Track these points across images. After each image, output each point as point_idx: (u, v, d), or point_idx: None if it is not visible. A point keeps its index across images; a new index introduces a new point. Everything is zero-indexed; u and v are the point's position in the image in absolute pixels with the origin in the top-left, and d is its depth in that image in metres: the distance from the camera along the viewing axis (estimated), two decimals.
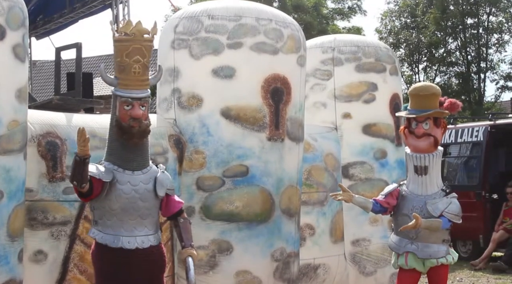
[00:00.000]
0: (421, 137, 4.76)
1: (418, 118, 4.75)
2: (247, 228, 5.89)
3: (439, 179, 4.87)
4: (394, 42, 30.09)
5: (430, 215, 4.73)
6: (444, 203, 4.77)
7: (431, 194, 4.80)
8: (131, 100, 4.14)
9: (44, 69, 32.38)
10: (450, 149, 13.27)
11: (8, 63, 4.75)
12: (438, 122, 4.79)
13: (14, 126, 4.77)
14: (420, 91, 4.79)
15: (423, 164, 4.78)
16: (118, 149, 4.20)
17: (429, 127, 4.75)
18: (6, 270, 4.71)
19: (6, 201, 4.69)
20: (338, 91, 7.83)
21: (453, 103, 4.81)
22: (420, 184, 4.83)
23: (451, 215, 4.75)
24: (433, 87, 4.87)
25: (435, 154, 4.78)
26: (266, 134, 5.99)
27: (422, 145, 4.77)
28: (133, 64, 4.12)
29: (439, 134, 4.81)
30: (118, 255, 4.13)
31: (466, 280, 9.95)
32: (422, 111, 4.74)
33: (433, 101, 4.77)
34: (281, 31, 6.13)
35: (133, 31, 4.15)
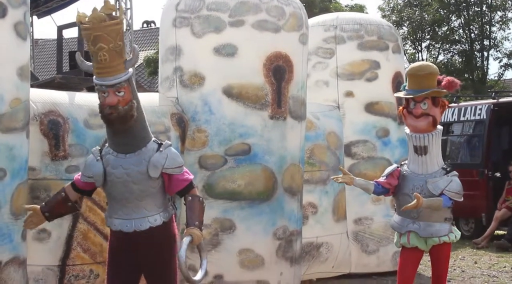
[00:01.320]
0: (420, 117, 4.74)
1: (416, 98, 4.73)
2: (250, 207, 5.90)
3: (439, 158, 4.85)
4: (397, 20, 29.93)
5: (430, 194, 4.73)
6: (444, 181, 4.76)
7: (431, 173, 4.80)
8: (105, 88, 4.09)
9: (46, 48, 32.30)
10: (453, 128, 13.24)
11: (10, 41, 4.73)
12: (436, 101, 4.77)
13: (17, 104, 4.76)
14: (417, 71, 4.76)
15: (422, 144, 4.76)
16: (109, 134, 4.19)
17: (427, 107, 4.73)
18: (10, 248, 4.73)
19: (9, 179, 4.70)
20: (341, 70, 7.81)
21: (451, 82, 4.78)
22: (421, 164, 4.82)
23: (452, 193, 4.74)
24: (430, 66, 4.84)
25: (435, 133, 4.76)
26: (268, 113, 5.98)
27: (421, 125, 4.75)
28: (98, 51, 4.02)
29: (437, 113, 4.79)
30: (120, 238, 4.14)
31: (469, 258, 9.97)
32: (419, 91, 4.72)
33: (431, 80, 4.74)
34: (283, 8, 6.10)
35: (90, 19, 4.07)
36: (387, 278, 7.77)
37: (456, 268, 9.00)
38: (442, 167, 4.83)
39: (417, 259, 4.98)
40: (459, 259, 9.84)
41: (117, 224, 4.13)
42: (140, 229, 4.13)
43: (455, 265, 9.21)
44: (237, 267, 5.88)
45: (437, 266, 4.93)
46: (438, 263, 4.91)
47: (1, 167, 4.64)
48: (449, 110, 13.18)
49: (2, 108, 4.66)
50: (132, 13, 18.51)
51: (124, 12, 18.16)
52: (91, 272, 5.47)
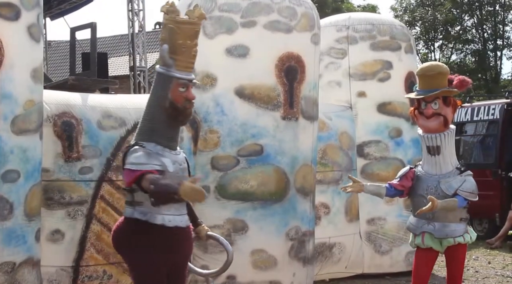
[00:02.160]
0: (431, 117, 4.73)
1: (426, 98, 4.72)
2: (262, 207, 5.90)
3: (453, 158, 4.83)
4: (410, 20, 29.90)
5: (444, 194, 4.71)
6: (458, 181, 4.74)
7: (445, 173, 4.78)
8: (188, 82, 4.20)
9: (59, 50, 32.43)
10: (466, 128, 13.20)
11: (23, 43, 4.76)
12: (447, 101, 4.75)
13: (30, 106, 4.79)
14: (426, 71, 4.75)
15: (435, 144, 4.75)
16: (165, 129, 4.18)
17: (438, 107, 4.71)
18: (24, 250, 4.76)
19: (23, 181, 4.73)
20: (353, 70, 7.81)
21: (462, 80, 4.76)
22: (434, 164, 4.81)
23: (466, 193, 4.72)
24: (440, 66, 4.82)
25: (447, 133, 4.75)
26: (280, 113, 5.98)
27: (432, 125, 4.74)
28: (194, 47, 4.20)
29: (449, 113, 4.77)
30: (168, 235, 4.08)
31: (482, 258, 9.93)
32: (429, 91, 4.70)
33: (441, 80, 4.73)
34: (294, 9, 6.10)
35: (197, 15, 4.22)
36: (400, 279, 7.75)
37: (469, 268, 8.97)
38: (456, 167, 4.81)
39: (432, 259, 4.96)
40: (473, 259, 9.80)
41: (172, 220, 4.09)
42: (188, 224, 4.18)
43: (468, 265, 9.18)
44: (250, 267, 5.88)
45: (452, 267, 4.90)
46: (453, 264, 4.89)
47: (15, 169, 4.67)
48: (462, 110, 13.13)
49: (16, 110, 4.69)
50: (144, 14, 18.55)
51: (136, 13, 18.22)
52: (104, 272, 5.49)
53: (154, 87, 4.21)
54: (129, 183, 4.01)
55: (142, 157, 4.00)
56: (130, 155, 4.01)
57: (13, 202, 4.66)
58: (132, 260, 4.08)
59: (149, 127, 4.16)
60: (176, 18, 4.17)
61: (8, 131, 4.63)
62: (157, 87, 4.19)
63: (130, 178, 3.98)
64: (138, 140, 4.11)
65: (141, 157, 4.00)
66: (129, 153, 4.02)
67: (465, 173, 4.79)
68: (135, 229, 4.04)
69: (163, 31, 4.23)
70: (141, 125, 4.17)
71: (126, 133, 5.64)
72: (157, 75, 4.24)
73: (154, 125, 4.15)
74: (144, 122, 4.17)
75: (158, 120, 4.15)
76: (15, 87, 4.66)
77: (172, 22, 4.16)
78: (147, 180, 3.87)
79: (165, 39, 4.18)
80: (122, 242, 4.09)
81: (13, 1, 4.68)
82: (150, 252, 4.02)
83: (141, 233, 4.02)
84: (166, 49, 4.15)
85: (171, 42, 4.15)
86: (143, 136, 4.13)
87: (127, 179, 4.01)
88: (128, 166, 3.98)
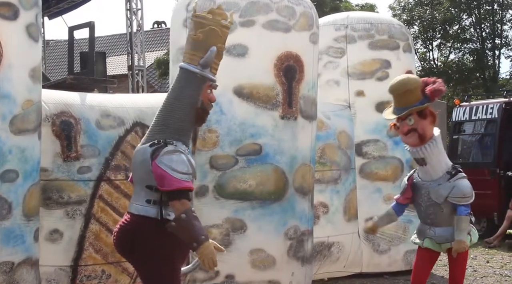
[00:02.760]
0: (407, 134, 4.70)
1: (399, 118, 4.71)
2: (261, 207, 5.90)
3: (442, 165, 4.76)
4: (408, 19, 29.87)
5: (434, 202, 4.69)
6: (447, 188, 4.68)
7: (436, 179, 4.75)
8: (216, 85, 4.27)
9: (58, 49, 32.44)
10: (465, 127, 13.21)
11: (22, 43, 4.76)
12: (423, 114, 4.68)
13: (29, 105, 4.79)
14: (394, 91, 4.72)
15: (419, 157, 4.73)
16: (190, 129, 4.20)
17: (413, 122, 4.66)
18: (22, 249, 4.75)
19: (21, 181, 4.72)
20: (351, 69, 7.81)
21: (433, 91, 4.67)
22: (425, 172, 4.79)
23: (456, 198, 4.66)
24: (406, 82, 4.71)
25: (429, 144, 4.67)
26: (279, 113, 5.98)
27: (410, 141, 4.72)
28: (223, 50, 4.26)
29: (426, 125, 4.68)
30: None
31: (481, 257, 9.94)
32: (401, 109, 4.68)
33: (410, 96, 4.66)
34: (293, 8, 6.10)
35: (231, 20, 4.28)
36: (399, 278, 7.75)
37: (468, 267, 8.97)
38: (447, 171, 4.76)
39: (433, 259, 4.97)
40: (471, 258, 9.81)
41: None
42: None
43: (467, 264, 9.20)
44: (248, 267, 5.88)
45: (453, 268, 4.91)
46: (454, 265, 4.89)
47: (14, 169, 4.67)
48: (461, 109, 13.14)
49: (14, 110, 4.68)
50: (142, 13, 18.57)
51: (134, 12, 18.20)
52: (103, 272, 5.49)
53: (183, 86, 4.14)
54: (169, 190, 3.94)
55: (185, 165, 3.97)
56: (172, 157, 3.95)
57: (11, 201, 4.66)
58: (157, 260, 4.05)
59: (179, 125, 4.09)
60: (222, 22, 4.17)
61: (7, 131, 4.62)
62: (187, 86, 4.14)
63: (172, 186, 3.91)
64: (166, 138, 4.06)
65: (184, 164, 3.96)
66: (168, 153, 3.96)
67: (455, 177, 4.72)
68: (161, 228, 4.00)
69: (199, 30, 4.17)
70: (168, 122, 4.09)
71: (124, 133, 5.64)
72: (188, 73, 4.17)
73: (184, 125, 4.11)
74: (172, 119, 4.08)
75: (188, 120, 4.12)
76: (13, 86, 4.66)
77: (218, 25, 4.16)
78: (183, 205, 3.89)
79: (201, 40, 4.16)
80: (145, 243, 4.04)
81: (12, 0, 4.67)
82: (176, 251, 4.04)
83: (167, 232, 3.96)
84: (215, 51, 4.15)
85: (213, 45, 4.16)
86: (171, 135, 4.05)
87: (169, 186, 3.92)
88: (174, 174, 3.91)
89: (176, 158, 3.96)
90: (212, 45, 4.16)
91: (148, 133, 4.17)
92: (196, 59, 4.19)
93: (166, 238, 4.04)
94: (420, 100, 4.65)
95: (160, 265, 4.05)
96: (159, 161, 3.95)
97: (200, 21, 4.21)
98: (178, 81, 4.21)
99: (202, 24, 4.19)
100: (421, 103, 4.65)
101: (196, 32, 4.18)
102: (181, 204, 3.92)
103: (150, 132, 4.15)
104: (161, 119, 4.15)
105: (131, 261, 4.22)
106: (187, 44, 4.29)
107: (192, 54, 4.22)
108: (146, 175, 4.07)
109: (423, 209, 4.69)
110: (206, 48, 4.17)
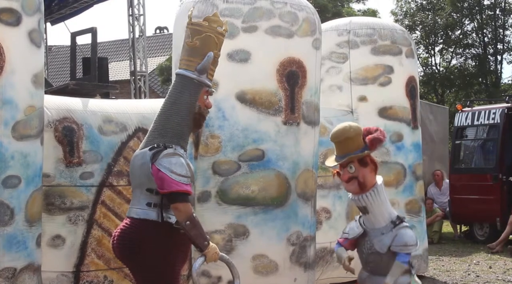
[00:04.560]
0: (348, 181, 4.67)
1: (340, 165, 4.68)
2: (263, 212, 5.89)
3: (384, 215, 4.62)
4: (410, 24, 29.89)
5: (376, 251, 4.59)
6: (389, 237, 4.55)
7: (379, 228, 4.61)
8: (212, 91, 4.38)
9: (60, 55, 32.49)
10: (467, 132, 13.20)
11: (24, 49, 4.76)
12: (364, 162, 4.64)
13: (31, 111, 4.79)
14: (334, 138, 4.69)
15: (361, 205, 4.66)
16: (187, 134, 4.26)
17: (354, 170, 4.59)
18: (25, 255, 4.75)
19: (23, 187, 4.72)
20: (354, 74, 7.81)
21: (372, 140, 4.61)
22: (368, 220, 4.70)
23: (399, 247, 4.51)
24: (346, 130, 4.64)
25: (370, 193, 4.56)
26: (281, 118, 5.98)
27: (351, 189, 4.66)
28: (219, 56, 4.36)
29: (367, 173, 4.59)
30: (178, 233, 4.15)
31: (483, 263, 9.91)
32: (340, 157, 4.65)
33: (350, 144, 4.61)
34: (296, 14, 6.10)
35: (225, 27, 4.38)
36: None
37: (470, 273, 8.96)
38: (391, 221, 4.62)
39: None
40: (474, 264, 9.79)
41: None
42: None
43: (469, 270, 9.17)
44: (251, 272, 5.87)
45: None
46: None
47: (16, 174, 4.66)
48: (463, 114, 13.14)
49: (17, 115, 4.68)
50: (145, 19, 18.57)
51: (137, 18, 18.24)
52: (105, 278, 5.49)
53: (181, 91, 4.25)
54: (168, 192, 4.02)
55: (184, 168, 4.06)
56: (171, 160, 4.04)
57: (14, 207, 4.65)
58: (159, 263, 4.09)
59: (178, 130, 4.18)
60: (218, 29, 4.24)
61: (9, 137, 4.62)
62: (184, 92, 4.24)
63: (171, 188, 4.01)
64: (165, 143, 4.12)
65: (183, 167, 4.06)
66: (168, 156, 4.05)
67: (398, 226, 4.59)
68: (162, 230, 4.07)
69: (196, 37, 4.24)
70: (167, 127, 4.18)
71: (127, 138, 5.64)
72: (184, 79, 4.27)
73: (182, 129, 4.19)
74: (171, 124, 4.18)
75: (186, 124, 4.19)
76: (16, 92, 4.66)
77: (214, 32, 4.23)
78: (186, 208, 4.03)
79: (197, 47, 4.22)
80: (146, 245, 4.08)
81: (14, 6, 4.68)
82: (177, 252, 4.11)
83: (168, 235, 4.08)
84: (211, 56, 4.23)
85: (209, 51, 4.23)
86: (170, 139, 4.14)
87: (169, 188, 4.01)
88: (173, 176, 4.01)
89: (175, 161, 4.02)
90: (209, 51, 4.22)
91: (146, 138, 4.23)
92: (193, 65, 4.26)
93: (166, 241, 4.07)
94: (361, 148, 4.63)
95: (160, 268, 4.07)
96: (158, 163, 4.02)
97: (196, 28, 4.27)
98: (175, 87, 4.29)
99: (199, 31, 4.25)
100: (361, 151, 4.62)
101: (192, 39, 4.25)
102: (184, 206, 3.98)
103: (149, 137, 4.21)
104: (160, 124, 4.21)
105: (129, 264, 4.23)
106: (183, 51, 4.36)
107: (189, 60, 4.29)
108: (146, 179, 4.11)
109: (364, 257, 4.64)
110: (202, 55, 4.24)
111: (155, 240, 4.07)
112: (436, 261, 10.04)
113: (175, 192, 4.00)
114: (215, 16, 4.35)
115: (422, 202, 8.28)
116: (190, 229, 4.03)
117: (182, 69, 4.31)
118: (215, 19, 4.33)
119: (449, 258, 10.40)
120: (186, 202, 4.02)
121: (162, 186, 4.02)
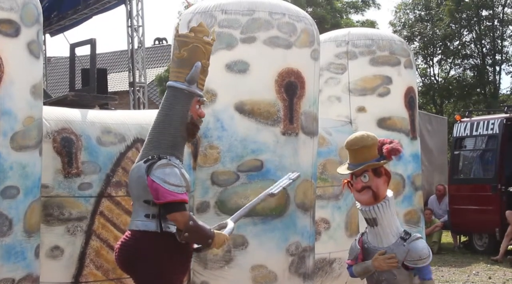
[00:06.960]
0: (361, 191, 4.62)
1: (355, 172, 4.65)
2: (262, 223, 5.89)
3: (393, 228, 4.61)
4: (409, 35, 29.98)
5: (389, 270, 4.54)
6: (402, 253, 4.50)
7: (387, 246, 4.57)
8: (204, 100, 4.44)
9: (59, 66, 32.54)
10: (466, 142, 13.22)
11: (23, 60, 4.76)
12: (378, 172, 4.62)
13: (30, 122, 4.79)
14: (351, 146, 4.67)
15: (371, 216, 4.61)
16: (181, 144, 4.29)
17: (368, 179, 4.56)
18: (23, 266, 4.74)
19: (22, 197, 4.71)
20: (353, 85, 7.81)
21: (390, 150, 4.60)
22: (375, 235, 4.62)
23: (413, 261, 4.50)
24: (364, 139, 4.66)
25: (382, 204, 4.55)
26: (280, 129, 5.98)
27: (363, 199, 4.61)
28: (208, 65, 4.41)
29: (380, 184, 4.58)
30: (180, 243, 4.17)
31: (483, 273, 9.91)
32: (356, 165, 4.62)
33: (366, 153, 4.59)
34: (294, 25, 6.11)
35: (212, 37, 4.45)
36: None
37: (470, 283, 8.94)
38: (400, 237, 4.59)
39: None
40: (473, 274, 9.78)
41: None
42: None
43: (469, 281, 9.16)
44: (250, 283, 5.86)
45: None
46: None
47: (14, 185, 4.66)
48: (462, 124, 13.16)
49: (15, 126, 4.68)
50: (143, 30, 18.61)
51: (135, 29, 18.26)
52: None
53: (172, 103, 4.30)
54: (163, 202, 4.06)
55: (178, 177, 4.10)
56: (165, 170, 4.07)
57: (12, 218, 4.64)
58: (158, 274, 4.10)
59: (171, 141, 4.22)
60: (204, 39, 4.29)
61: (8, 147, 4.62)
62: (176, 103, 4.28)
63: (166, 199, 4.05)
64: (159, 154, 4.16)
65: (177, 177, 4.09)
66: (161, 167, 4.09)
67: (409, 240, 4.56)
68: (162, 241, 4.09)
69: (183, 49, 4.28)
70: (161, 139, 4.24)
71: (125, 149, 5.63)
72: (175, 90, 4.32)
73: (176, 140, 4.23)
74: (164, 135, 4.23)
75: (180, 135, 4.23)
76: (14, 103, 4.66)
77: (201, 42, 4.27)
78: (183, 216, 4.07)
79: (185, 58, 4.26)
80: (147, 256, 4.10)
81: (13, 17, 4.69)
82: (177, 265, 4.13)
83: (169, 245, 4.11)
84: (199, 66, 4.26)
85: (197, 61, 4.26)
86: (165, 150, 4.19)
87: (163, 198, 4.05)
88: (166, 186, 4.04)
89: (169, 171, 4.06)
90: (197, 61, 4.26)
91: (142, 151, 4.29)
92: (182, 76, 4.30)
93: (167, 251, 4.08)
94: (377, 158, 4.61)
95: (162, 279, 4.08)
96: (152, 174, 4.07)
97: (183, 40, 4.32)
98: (166, 99, 4.34)
99: (185, 42, 4.30)
100: (378, 160, 4.61)
101: (180, 51, 4.29)
102: (181, 216, 4.02)
103: (144, 150, 4.27)
104: (154, 136, 4.25)
105: (132, 276, 4.26)
106: (172, 63, 4.42)
107: (178, 71, 4.33)
108: (143, 191, 4.15)
109: (375, 276, 4.60)
110: (191, 65, 4.28)
111: (156, 251, 4.10)
112: (436, 272, 10.03)
113: (170, 202, 4.03)
114: (201, 26, 4.39)
115: (421, 213, 8.27)
116: (191, 239, 4.08)
117: (172, 81, 4.36)
118: (201, 29, 4.36)
119: (448, 269, 10.39)
120: (182, 211, 4.05)
121: (157, 196, 4.05)
